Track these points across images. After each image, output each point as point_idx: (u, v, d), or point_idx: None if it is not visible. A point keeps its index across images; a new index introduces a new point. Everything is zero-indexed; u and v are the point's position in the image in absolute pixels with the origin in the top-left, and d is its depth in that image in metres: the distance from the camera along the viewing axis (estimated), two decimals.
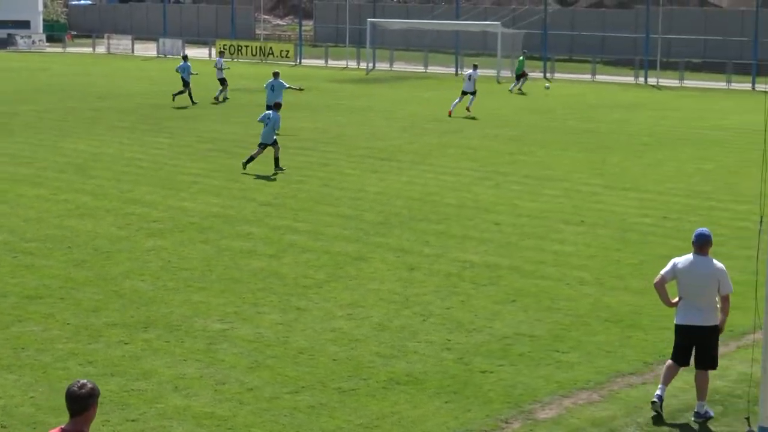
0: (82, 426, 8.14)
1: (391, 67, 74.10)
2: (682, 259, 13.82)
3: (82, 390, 8.07)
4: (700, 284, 13.56)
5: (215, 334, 16.80)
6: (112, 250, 22.20)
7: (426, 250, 22.26)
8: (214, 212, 25.90)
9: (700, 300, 13.57)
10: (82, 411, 8.11)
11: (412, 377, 14.98)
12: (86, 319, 17.59)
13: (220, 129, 41.01)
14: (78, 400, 8.09)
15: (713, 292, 13.53)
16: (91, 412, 8.20)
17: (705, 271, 13.58)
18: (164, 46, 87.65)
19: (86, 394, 8.08)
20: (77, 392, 8.08)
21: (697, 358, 13.78)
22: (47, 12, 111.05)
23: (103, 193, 28.13)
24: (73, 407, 8.11)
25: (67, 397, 8.11)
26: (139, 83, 61.02)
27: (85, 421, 8.15)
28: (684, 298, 13.69)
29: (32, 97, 52.81)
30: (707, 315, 13.56)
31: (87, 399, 8.09)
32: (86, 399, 8.09)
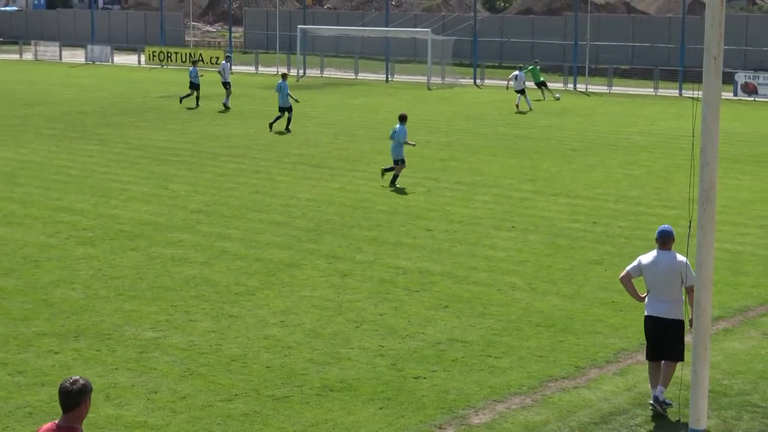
0: (74, 422, 8.21)
1: (321, 74, 74.09)
2: (647, 255, 14.37)
3: (74, 386, 8.13)
4: (665, 278, 14.00)
5: (147, 343, 16.68)
6: (41, 259, 21.97)
7: (358, 257, 22.27)
8: (145, 220, 25.72)
9: (666, 293, 14.02)
10: (75, 407, 8.18)
11: (346, 384, 14.97)
12: (15, 329, 17.39)
13: (150, 136, 40.74)
14: (70, 396, 8.16)
15: (678, 284, 13.98)
16: (83, 407, 8.27)
17: (669, 265, 14.02)
18: (92, 53, 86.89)
19: (78, 390, 8.15)
20: (69, 388, 8.15)
21: (664, 348, 14.11)
22: None
23: (31, 201, 27.83)
24: (66, 403, 8.18)
25: (59, 393, 8.19)
26: (67, 90, 60.44)
27: (78, 416, 8.23)
28: (651, 292, 14.12)
29: None
30: (673, 308, 14.01)
31: (79, 395, 8.16)
32: (78, 395, 8.16)
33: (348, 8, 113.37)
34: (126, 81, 67.21)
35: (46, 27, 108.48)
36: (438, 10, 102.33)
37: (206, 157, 35.69)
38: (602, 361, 16.07)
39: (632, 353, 16.40)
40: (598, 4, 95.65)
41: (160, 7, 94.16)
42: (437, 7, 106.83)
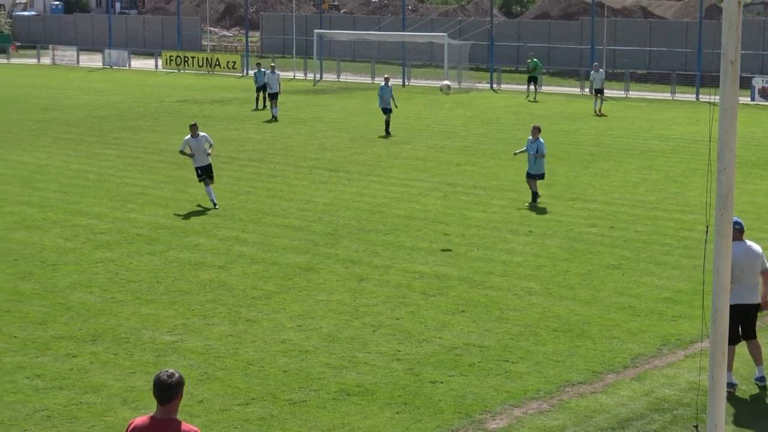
0: (171, 413, 8.22)
1: (338, 78, 74.13)
2: None
3: (171, 379, 8.17)
4: (747, 267, 14.97)
5: (164, 347, 16.71)
6: (59, 263, 22.04)
7: (375, 261, 22.28)
8: (162, 224, 25.78)
9: (749, 280, 15.04)
10: (173, 399, 8.26)
11: (363, 388, 14.98)
12: (33, 332, 17.45)
13: (167, 140, 40.81)
14: (169, 389, 8.20)
15: (756, 271, 15.12)
16: (179, 399, 8.35)
17: (747, 253, 15.03)
18: (110, 57, 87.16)
19: (176, 382, 8.20)
20: (167, 381, 8.19)
21: (747, 332, 15.26)
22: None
23: (49, 205, 27.92)
24: (164, 395, 8.20)
25: (157, 386, 8.23)
26: (84, 94, 60.62)
27: (174, 408, 8.32)
28: (736, 282, 14.43)
29: None
30: (755, 293, 15.16)
31: (177, 387, 8.22)
32: (176, 387, 8.22)
33: (364, 13, 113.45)
34: (143, 85, 67.38)
35: (63, 31, 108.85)
36: (454, 14, 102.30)
37: (223, 161, 35.73)
38: (619, 366, 16.04)
39: (649, 358, 16.38)
40: (614, 8, 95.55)
41: (177, 11, 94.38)
42: (454, 12, 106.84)
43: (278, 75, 50.02)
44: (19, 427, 13.66)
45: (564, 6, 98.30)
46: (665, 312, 18.87)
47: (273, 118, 48.07)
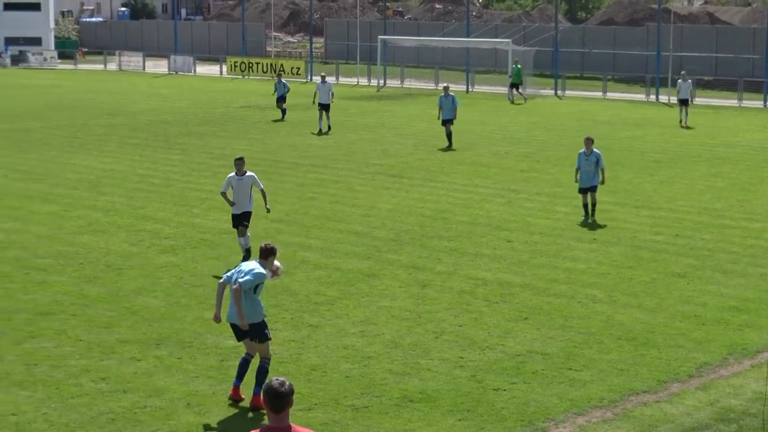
0: (284, 421, 8.20)
1: (401, 84, 74.11)
2: None
3: (283, 387, 8.13)
4: None
5: (228, 351, 16.78)
6: (124, 267, 22.22)
7: (438, 267, 22.23)
8: (226, 229, 25.87)
9: None
10: (285, 407, 8.18)
11: (426, 395, 14.95)
12: (99, 336, 17.60)
13: (231, 146, 41.02)
14: (282, 397, 8.14)
15: None
16: (290, 407, 8.26)
17: None
18: (175, 63, 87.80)
19: (287, 390, 8.16)
20: (280, 389, 8.14)
21: None
22: (59, 29, 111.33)
23: (114, 210, 28.16)
24: (278, 404, 8.15)
25: (270, 395, 8.13)
26: (150, 100, 61.12)
27: (287, 416, 8.24)
28: None
29: (44, 113, 52.92)
30: None
31: (289, 395, 8.18)
32: (288, 395, 8.17)
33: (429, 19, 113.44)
34: (208, 91, 67.83)
35: (130, 38, 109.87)
36: (519, 20, 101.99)
37: (286, 166, 35.88)
38: (684, 376, 15.88)
39: (715, 368, 16.20)
40: (681, 14, 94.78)
41: (242, 17, 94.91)
42: (518, 18, 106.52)
43: (330, 85, 47.30)
44: (84, 430, 13.78)
45: (629, 12, 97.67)
46: (731, 321, 18.66)
47: (328, 129, 45.85)
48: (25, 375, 15.77)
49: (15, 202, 29.09)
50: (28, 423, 14.01)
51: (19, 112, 53.09)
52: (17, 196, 29.97)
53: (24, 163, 36.21)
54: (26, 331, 17.83)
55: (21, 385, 15.34)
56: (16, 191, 30.80)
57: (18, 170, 34.69)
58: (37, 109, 54.82)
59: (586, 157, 27.31)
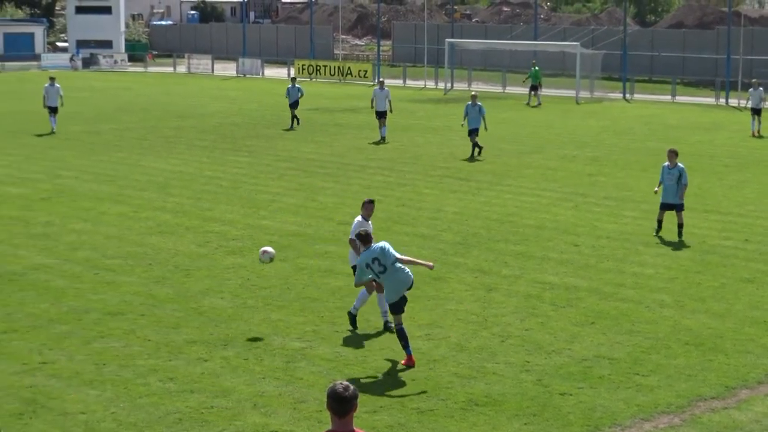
0: (348, 425, 8.24)
1: (469, 87, 73.91)
2: None
3: (347, 392, 8.15)
4: None
5: (294, 353, 16.86)
6: (192, 268, 22.39)
7: (504, 271, 22.18)
8: (293, 231, 26.02)
9: None
10: (349, 411, 8.20)
11: (491, 398, 14.92)
12: (166, 336, 17.76)
13: (298, 148, 41.22)
14: (346, 401, 8.16)
15: None
16: (354, 411, 8.28)
17: None
18: (243, 66, 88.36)
19: (351, 395, 8.18)
20: (344, 393, 8.15)
21: None
22: (129, 32, 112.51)
23: (183, 211, 28.39)
24: (342, 408, 8.17)
25: (334, 399, 8.16)
26: (218, 102, 61.55)
27: (351, 420, 8.27)
28: None
29: (114, 116, 53.48)
30: None
31: (353, 399, 8.20)
32: (353, 400, 8.19)
33: (496, 22, 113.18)
34: (275, 94, 68.03)
35: (199, 41, 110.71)
36: (587, 23, 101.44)
37: (353, 169, 35.97)
38: (753, 382, 15.71)
39: None
40: (751, 17, 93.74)
41: (310, 21, 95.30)
42: (586, 21, 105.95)
43: (387, 92, 44.52)
44: (151, 429, 13.90)
45: (699, 15, 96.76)
46: None
47: (381, 139, 43.87)
48: (95, 374, 15.95)
49: (86, 203, 29.43)
50: (97, 422, 14.17)
51: (90, 114, 53.69)
52: (88, 198, 30.32)
53: (95, 165, 36.62)
54: (96, 331, 18.04)
55: (90, 384, 15.52)
56: (87, 192, 31.17)
57: (89, 172, 35.09)
58: (107, 112, 55.43)
59: (669, 170, 25.47)
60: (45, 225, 26.69)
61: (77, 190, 31.67)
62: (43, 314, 19.08)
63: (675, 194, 25.34)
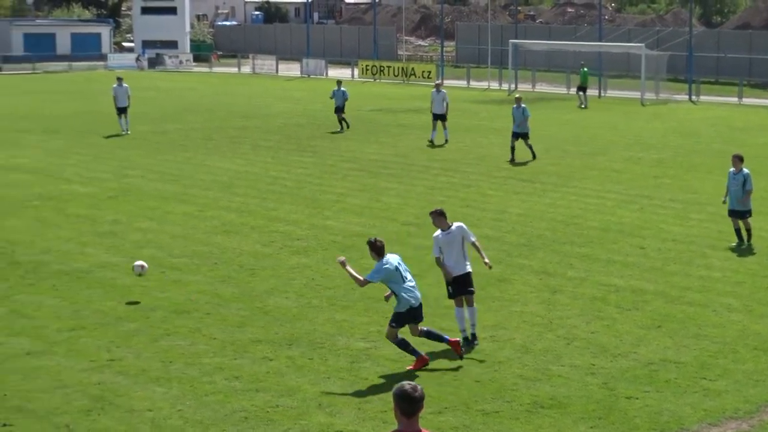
0: (415, 425, 8.30)
1: (533, 88, 73.70)
2: None
3: (416, 392, 8.22)
4: None
5: (358, 353, 16.89)
6: (257, 267, 22.50)
7: (570, 273, 22.07)
8: (357, 231, 26.06)
9: None
10: (417, 411, 8.27)
11: (556, 401, 14.86)
12: (232, 335, 17.86)
13: (362, 149, 41.28)
14: (415, 401, 8.23)
15: None
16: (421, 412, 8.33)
17: None
18: (308, 66, 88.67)
19: (420, 395, 8.25)
20: (413, 394, 8.22)
21: None
22: (194, 32, 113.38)
23: (248, 211, 28.54)
24: (412, 408, 8.24)
25: (403, 399, 8.21)
26: (282, 103, 61.81)
27: (417, 420, 8.32)
28: None
29: (179, 116, 53.89)
30: None
31: (422, 400, 8.27)
32: (421, 400, 8.26)
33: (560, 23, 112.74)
34: None
35: (263, 41, 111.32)
36: (652, 24, 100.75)
37: (417, 170, 35.96)
38: None
39: None
40: None
41: (374, 21, 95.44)
42: (652, 22, 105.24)
43: (444, 94, 43.71)
44: (217, 428, 13.99)
45: (766, 16, 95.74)
46: None
47: (444, 141, 43.20)
48: (161, 372, 16.08)
49: (152, 203, 29.68)
50: (163, 419, 14.28)
51: (155, 114, 54.13)
52: (154, 197, 30.58)
53: (160, 165, 36.93)
54: (162, 329, 18.18)
55: (157, 382, 15.65)
56: (153, 192, 31.43)
57: (155, 171, 35.39)
58: (173, 112, 55.86)
59: (734, 176, 24.74)
60: (112, 223, 26.96)
61: (143, 189, 31.96)
62: (111, 312, 19.27)
63: (740, 201, 24.62)
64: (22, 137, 44.44)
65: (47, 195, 30.84)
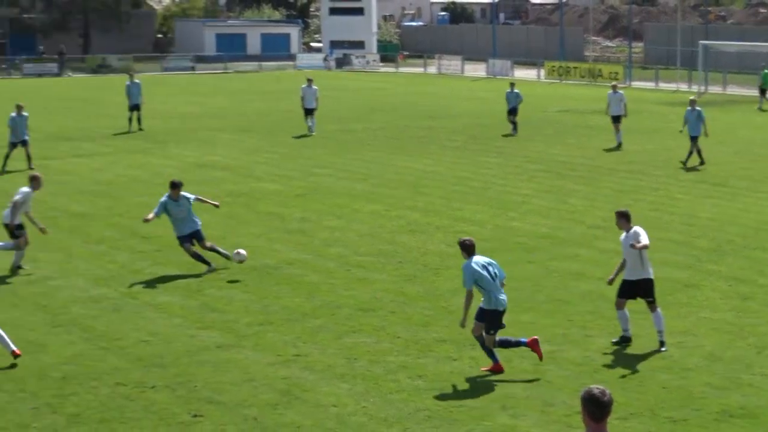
0: (604, 430, 8.33)
1: (724, 91, 72.05)
2: None
3: (605, 396, 8.27)
4: None
5: (544, 355, 16.75)
6: (441, 267, 22.57)
7: (761, 280, 21.49)
8: (542, 233, 25.89)
9: None
10: (606, 416, 8.31)
11: (747, 411, 14.50)
12: (416, 334, 17.95)
13: (548, 150, 40.99)
14: (605, 406, 8.29)
15: None
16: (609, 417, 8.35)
17: None
18: (493, 67, 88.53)
19: (609, 400, 8.31)
20: (602, 398, 8.27)
21: None
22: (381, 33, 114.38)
23: (433, 210, 28.64)
24: (601, 413, 8.29)
25: (593, 402, 8.27)
26: (468, 103, 61.82)
27: (606, 425, 8.33)
28: None
29: (367, 115, 54.42)
30: None
31: (611, 404, 8.32)
32: (610, 404, 8.32)
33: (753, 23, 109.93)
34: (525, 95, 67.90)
35: (449, 41, 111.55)
36: None
37: (603, 172, 35.54)
38: None
39: None
40: None
41: (560, 22, 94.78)
42: None
43: (622, 94, 42.85)
44: (401, 425, 14.08)
45: None
46: None
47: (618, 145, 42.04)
48: (346, 368, 16.27)
49: (339, 201, 30.05)
50: (348, 415, 14.45)
51: (343, 113, 54.77)
52: (341, 195, 30.96)
53: (348, 163, 37.36)
54: (347, 326, 18.40)
55: (342, 378, 15.84)
56: (341, 190, 31.82)
57: (343, 170, 35.82)
58: (360, 111, 56.46)
59: None
60: (300, 221, 27.41)
61: (331, 187, 32.38)
62: (298, 308, 19.59)
63: None
64: (216, 135, 45.53)
65: (238, 192, 31.52)
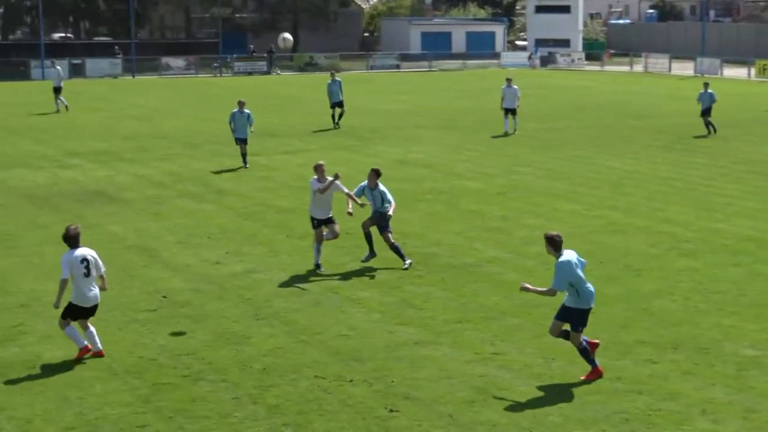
0: None
1: None
2: None
3: None
4: None
5: (746, 360, 16.37)
6: (643, 268, 22.23)
7: None
8: (748, 235, 25.24)
9: None
10: None
11: None
12: (616, 335, 17.74)
13: (757, 150, 39.89)
14: None
15: None
16: None
17: None
18: (701, 65, 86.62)
19: None
20: None
21: None
22: (587, 31, 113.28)
23: (635, 211, 28.23)
24: None
25: None
26: (674, 102, 60.64)
27: None
28: None
29: (570, 114, 53.98)
30: None
31: None
32: None
33: None
34: (734, 94, 66.23)
35: (656, 39, 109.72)
36: None
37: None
38: None
39: None
40: None
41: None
42: None
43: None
44: (597, 427, 13.95)
45: None
46: None
47: None
48: (543, 368, 16.19)
49: (539, 199, 29.90)
50: (544, 415, 14.39)
51: (546, 112, 54.47)
52: (542, 194, 30.79)
53: (549, 162, 37.13)
54: (545, 326, 18.15)
55: (539, 378, 15.77)
56: (541, 189, 31.66)
57: (543, 168, 35.63)
58: (563, 110, 56.05)
59: None
60: (500, 219, 27.38)
61: (531, 186, 32.24)
62: (495, 306, 19.58)
63: None
64: (419, 133, 45.87)
65: (439, 189, 31.68)
